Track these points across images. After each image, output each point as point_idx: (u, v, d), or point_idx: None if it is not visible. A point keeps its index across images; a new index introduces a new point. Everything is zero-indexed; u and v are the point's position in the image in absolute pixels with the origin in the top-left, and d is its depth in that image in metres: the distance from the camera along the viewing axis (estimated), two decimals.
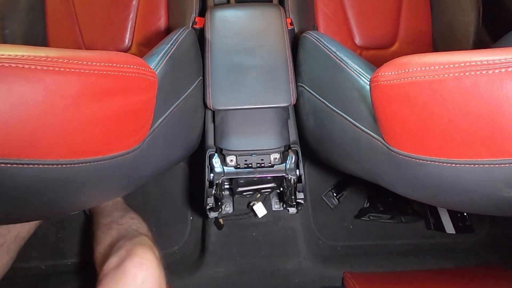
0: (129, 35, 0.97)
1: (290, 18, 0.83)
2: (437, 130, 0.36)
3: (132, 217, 0.76)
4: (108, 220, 0.76)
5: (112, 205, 0.82)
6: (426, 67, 0.34)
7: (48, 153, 0.33)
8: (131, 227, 0.72)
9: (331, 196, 0.96)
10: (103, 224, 0.75)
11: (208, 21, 0.74)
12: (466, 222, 0.94)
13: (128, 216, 0.76)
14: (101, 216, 0.79)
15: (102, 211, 0.80)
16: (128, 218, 0.76)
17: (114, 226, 0.72)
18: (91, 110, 0.34)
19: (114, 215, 0.77)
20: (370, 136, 0.49)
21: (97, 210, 0.82)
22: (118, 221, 0.74)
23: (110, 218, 0.76)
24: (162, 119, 0.52)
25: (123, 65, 0.37)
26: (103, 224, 0.75)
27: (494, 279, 0.82)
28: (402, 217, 0.93)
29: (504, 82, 0.29)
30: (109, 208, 0.81)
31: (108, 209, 0.81)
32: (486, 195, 0.40)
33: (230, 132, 0.67)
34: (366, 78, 0.49)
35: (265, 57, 0.69)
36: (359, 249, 0.93)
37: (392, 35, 0.98)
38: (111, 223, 0.74)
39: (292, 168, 0.66)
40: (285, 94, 0.66)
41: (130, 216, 0.77)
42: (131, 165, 0.47)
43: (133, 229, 0.71)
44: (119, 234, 0.69)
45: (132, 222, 0.74)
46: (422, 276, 0.83)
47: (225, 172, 0.66)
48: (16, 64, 0.28)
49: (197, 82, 0.68)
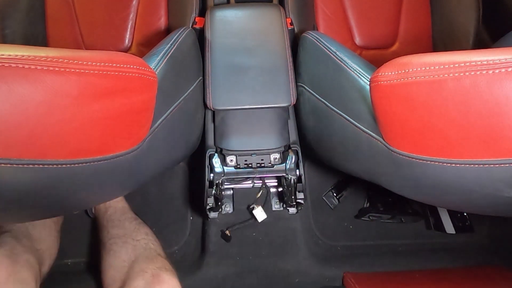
0: (129, 35, 0.97)
1: (290, 18, 0.83)
2: (437, 130, 0.36)
3: (146, 233, 0.77)
4: (121, 232, 0.76)
5: (121, 213, 0.81)
6: (426, 67, 0.34)
7: (48, 153, 0.33)
8: (148, 245, 0.73)
9: (331, 196, 0.96)
10: (116, 235, 0.75)
11: (208, 21, 0.74)
12: (466, 222, 0.94)
13: (142, 231, 0.77)
14: (110, 224, 0.78)
15: (111, 219, 0.80)
16: (143, 233, 0.76)
17: (129, 241, 0.73)
18: (91, 110, 0.34)
19: (126, 226, 0.77)
20: (370, 136, 0.49)
21: (104, 215, 0.81)
22: (133, 236, 0.74)
23: (123, 230, 0.76)
24: (162, 119, 0.52)
25: (123, 65, 0.37)
26: (116, 235, 0.75)
27: (494, 279, 0.82)
28: (402, 217, 0.93)
29: (504, 82, 0.29)
30: (118, 216, 0.80)
31: (118, 217, 0.80)
32: (486, 195, 0.40)
33: (230, 132, 0.67)
34: (366, 78, 0.49)
35: (265, 57, 0.69)
36: (359, 249, 0.93)
37: (392, 35, 0.98)
38: (126, 237, 0.74)
39: (292, 168, 0.66)
40: (285, 94, 0.66)
41: (144, 231, 0.77)
42: (131, 165, 0.47)
43: (151, 248, 0.72)
44: (137, 252, 0.70)
45: (148, 239, 0.75)
46: (422, 276, 0.83)
47: (225, 172, 0.66)
48: (16, 64, 0.28)
49: (197, 82, 0.68)
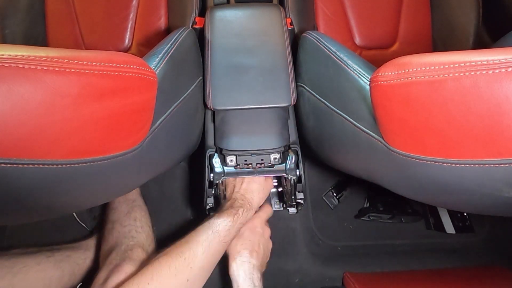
0: (129, 35, 0.97)
1: (290, 18, 0.83)
2: (437, 130, 0.36)
3: (135, 219, 0.75)
4: (115, 216, 0.75)
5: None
6: (426, 67, 0.34)
7: (48, 153, 0.33)
8: (131, 233, 0.71)
9: (331, 196, 0.96)
10: (110, 220, 0.75)
11: (208, 21, 0.74)
12: (466, 222, 0.94)
13: (132, 216, 0.75)
14: (111, 205, 0.78)
15: (113, 200, 0.79)
16: (132, 219, 0.75)
17: (116, 227, 0.72)
18: (91, 110, 0.34)
19: (120, 210, 0.76)
20: (370, 136, 0.49)
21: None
22: (121, 221, 0.73)
23: (116, 214, 0.75)
24: (162, 119, 0.52)
25: (123, 65, 0.37)
26: (110, 220, 0.74)
27: (494, 279, 0.82)
28: (402, 217, 0.93)
29: (504, 82, 0.29)
30: (120, 197, 0.80)
31: (119, 199, 0.79)
32: (486, 195, 0.40)
33: (230, 132, 0.67)
34: (366, 78, 0.49)
35: (265, 57, 0.69)
36: (359, 249, 0.93)
37: (392, 35, 0.98)
38: (114, 223, 0.73)
39: (292, 168, 0.66)
40: (285, 94, 0.66)
41: (134, 216, 0.76)
42: (131, 165, 0.47)
43: (132, 236, 0.70)
44: (117, 240, 0.69)
45: (134, 226, 0.73)
46: (422, 276, 0.83)
47: (225, 172, 0.66)
48: (16, 64, 0.28)
49: (197, 82, 0.68)
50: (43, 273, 0.64)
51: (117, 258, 0.64)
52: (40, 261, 0.65)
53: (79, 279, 0.71)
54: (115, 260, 0.63)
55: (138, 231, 0.72)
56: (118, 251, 0.66)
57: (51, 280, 0.65)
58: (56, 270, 0.67)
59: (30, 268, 0.63)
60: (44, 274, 0.64)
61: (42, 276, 0.64)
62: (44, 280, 0.64)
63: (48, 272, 0.65)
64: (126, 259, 0.63)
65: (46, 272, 0.65)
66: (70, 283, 0.68)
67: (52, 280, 0.65)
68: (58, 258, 0.69)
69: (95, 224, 0.88)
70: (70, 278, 0.68)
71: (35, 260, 0.65)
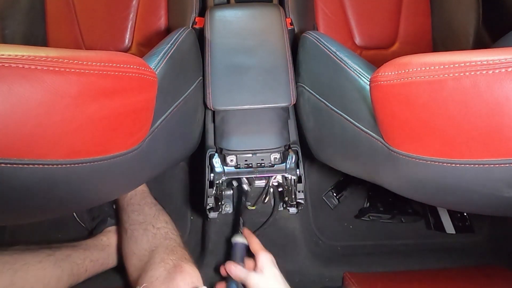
0: (129, 35, 0.97)
1: (290, 18, 0.83)
2: (437, 130, 0.36)
3: (166, 221, 0.77)
4: (141, 218, 0.76)
5: (141, 197, 0.82)
6: (426, 67, 0.34)
7: (48, 153, 0.33)
8: (168, 235, 0.74)
9: (331, 196, 0.96)
10: (136, 221, 0.76)
11: (208, 21, 0.74)
12: (466, 222, 0.94)
13: (162, 219, 0.77)
14: (130, 208, 0.79)
15: (131, 202, 0.80)
16: (163, 221, 0.77)
17: (150, 229, 0.74)
18: (91, 110, 0.34)
19: (146, 212, 0.78)
20: (370, 136, 0.49)
21: (125, 197, 0.81)
22: (153, 223, 0.75)
23: (143, 217, 0.76)
24: (162, 119, 0.52)
25: (123, 65, 0.37)
26: (137, 221, 0.75)
27: (494, 279, 0.81)
28: (402, 217, 0.93)
29: (504, 82, 0.29)
30: (137, 199, 0.80)
31: (137, 201, 0.80)
32: (486, 195, 0.40)
33: (230, 132, 0.67)
34: (366, 78, 0.49)
35: (265, 57, 0.69)
36: (359, 249, 0.93)
37: (392, 35, 0.98)
38: (146, 224, 0.75)
39: (292, 168, 0.66)
40: (285, 94, 0.66)
41: (164, 219, 0.78)
42: (131, 165, 0.47)
43: (171, 238, 0.73)
44: (157, 241, 0.71)
45: (168, 228, 0.76)
46: (422, 276, 0.83)
47: (225, 172, 0.66)
48: (16, 64, 0.28)
49: (197, 82, 0.68)
50: (43, 271, 0.65)
51: (168, 258, 0.66)
52: (41, 259, 0.66)
53: (77, 279, 0.71)
54: (170, 260, 0.65)
55: (173, 233, 0.75)
56: (162, 251, 0.68)
57: (50, 280, 0.65)
58: (56, 269, 0.67)
59: (30, 265, 0.63)
60: (44, 273, 0.65)
61: (42, 275, 0.64)
62: (43, 280, 0.64)
63: (48, 271, 0.65)
64: (184, 261, 0.66)
65: (46, 270, 0.65)
66: (68, 283, 0.68)
67: (52, 279, 0.65)
68: (58, 257, 0.69)
69: (95, 224, 0.88)
70: (68, 278, 0.68)
71: (36, 258, 0.65)
